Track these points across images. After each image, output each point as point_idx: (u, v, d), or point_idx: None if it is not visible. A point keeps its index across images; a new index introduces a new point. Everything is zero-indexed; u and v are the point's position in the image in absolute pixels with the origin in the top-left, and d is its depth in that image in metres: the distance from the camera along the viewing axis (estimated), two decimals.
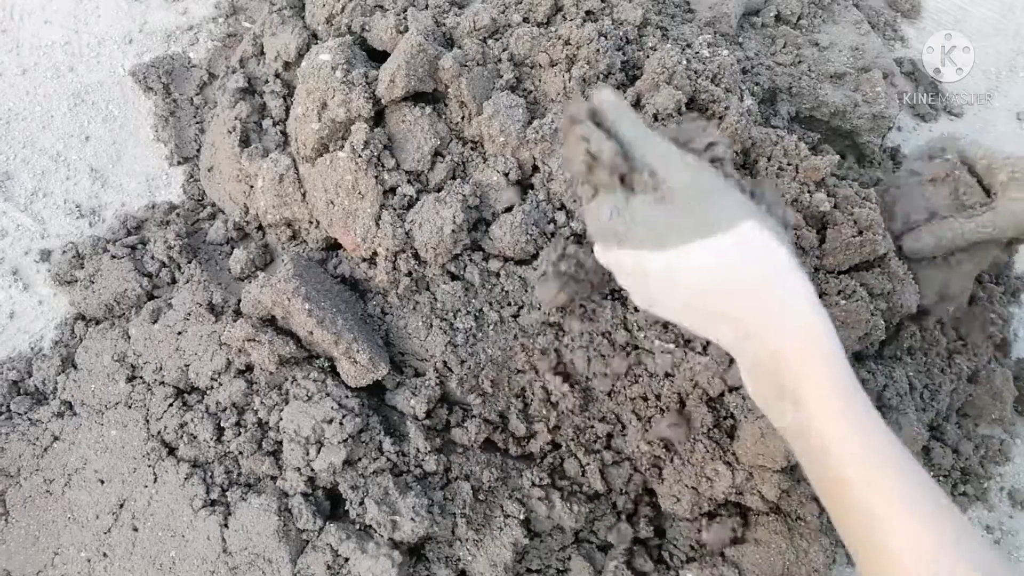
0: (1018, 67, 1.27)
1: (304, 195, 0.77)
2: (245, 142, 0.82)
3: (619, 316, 0.72)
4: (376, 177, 0.71)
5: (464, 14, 0.77)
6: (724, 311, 0.53)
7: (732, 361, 0.69)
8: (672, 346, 0.70)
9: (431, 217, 0.69)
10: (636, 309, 0.71)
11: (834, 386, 0.49)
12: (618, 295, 0.72)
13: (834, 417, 0.49)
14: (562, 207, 0.72)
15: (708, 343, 0.70)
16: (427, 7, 0.80)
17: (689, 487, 0.73)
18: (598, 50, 0.72)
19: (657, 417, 0.73)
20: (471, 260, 0.73)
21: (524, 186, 0.73)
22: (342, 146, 0.73)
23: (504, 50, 0.76)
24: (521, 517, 0.72)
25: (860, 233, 0.74)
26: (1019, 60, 1.27)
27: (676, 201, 0.52)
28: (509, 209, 0.72)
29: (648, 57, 0.75)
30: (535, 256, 0.73)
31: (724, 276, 0.52)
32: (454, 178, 0.73)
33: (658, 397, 0.73)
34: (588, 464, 0.76)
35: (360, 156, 0.71)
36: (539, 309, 0.72)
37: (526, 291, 0.73)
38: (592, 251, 0.61)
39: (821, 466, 0.50)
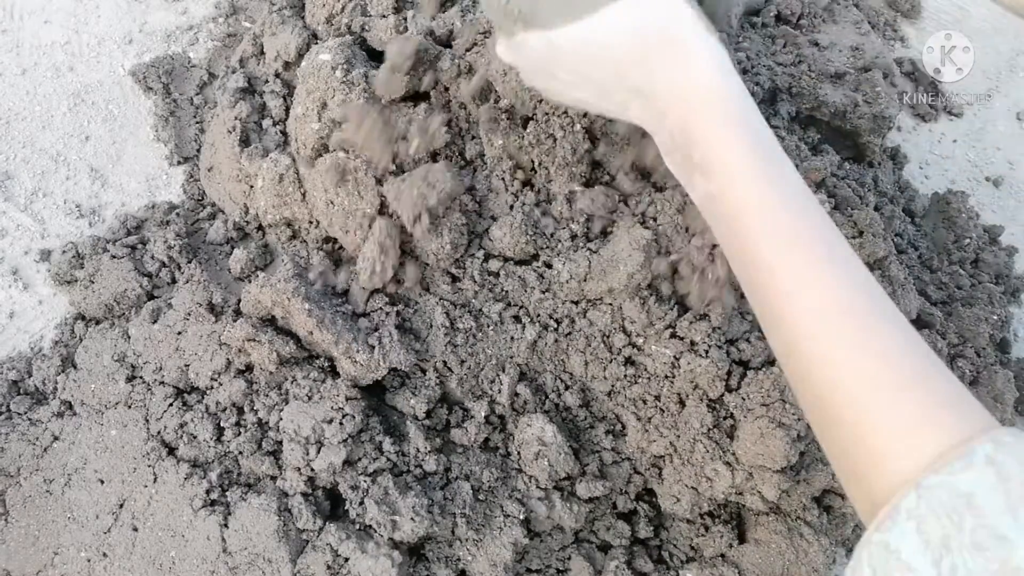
0: (1018, 67, 1.27)
1: (304, 195, 0.77)
2: (245, 142, 0.82)
3: (617, 321, 0.72)
4: (376, 178, 0.71)
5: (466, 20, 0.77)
6: (636, 85, 0.50)
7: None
8: (669, 352, 0.70)
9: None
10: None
11: (742, 152, 0.46)
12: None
13: (743, 186, 0.46)
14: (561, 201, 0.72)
15: (708, 347, 0.70)
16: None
17: (689, 487, 0.73)
18: None
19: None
20: (471, 258, 0.73)
21: (524, 184, 0.73)
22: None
23: None
24: (521, 517, 0.72)
25: (860, 234, 0.74)
26: (1019, 60, 1.27)
27: None
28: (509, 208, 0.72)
29: None
30: (536, 256, 0.73)
31: (632, 43, 0.49)
32: None
33: (657, 398, 0.73)
34: (588, 463, 0.76)
35: (360, 156, 0.71)
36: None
37: (525, 291, 0.73)
38: None
39: (731, 232, 0.47)
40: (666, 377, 0.72)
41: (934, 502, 0.37)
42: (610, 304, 0.72)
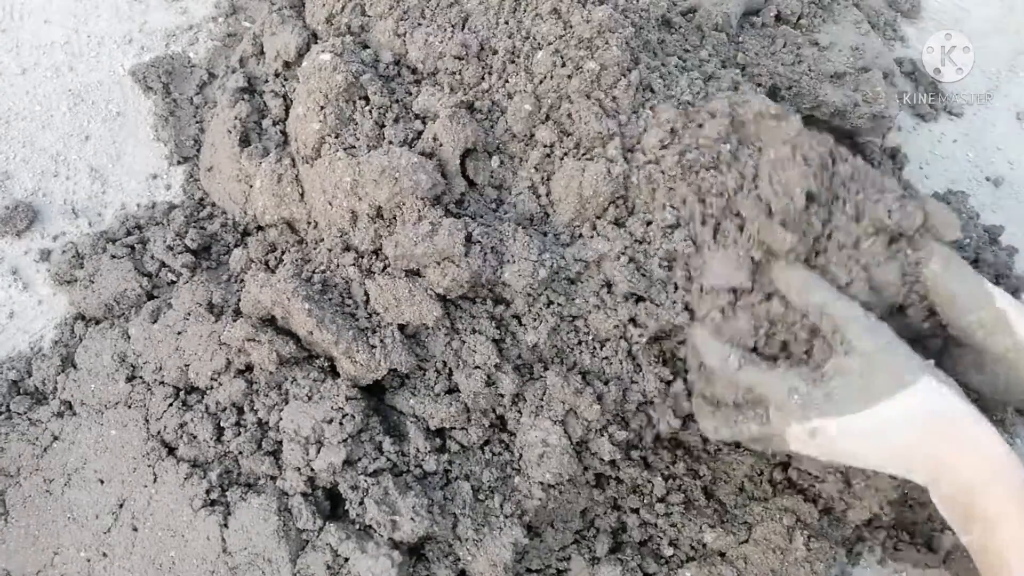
0: (1018, 67, 1.27)
1: (302, 195, 0.77)
2: (245, 142, 0.82)
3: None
4: None
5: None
6: (921, 455, 0.61)
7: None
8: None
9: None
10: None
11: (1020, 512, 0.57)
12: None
13: (1013, 542, 0.57)
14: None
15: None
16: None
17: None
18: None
19: None
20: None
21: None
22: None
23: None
24: (521, 517, 0.72)
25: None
26: (1019, 60, 1.27)
27: (869, 362, 0.61)
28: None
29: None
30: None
31: (919, 426, 0.60)
32: None
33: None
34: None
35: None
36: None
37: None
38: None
39: None
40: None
41: None
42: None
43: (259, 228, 0.84)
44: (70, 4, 0.99)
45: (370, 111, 0.75)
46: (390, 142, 0.74)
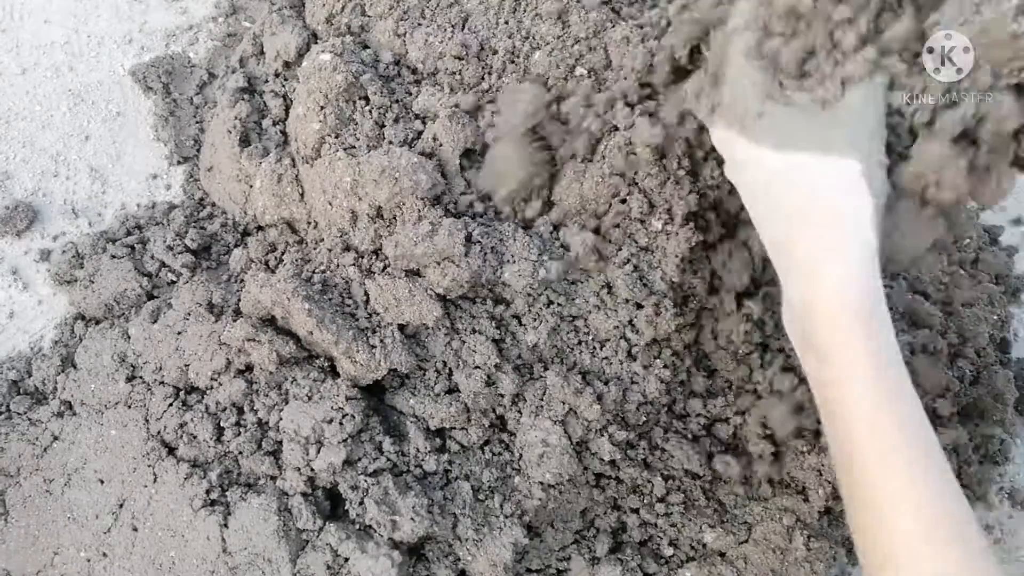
0: None
1: (302, 195, 0.77)
2: (245, 142, 0.82)
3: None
4: None
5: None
6: (785, 233, 0.52)
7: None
8: None
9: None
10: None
11: (867, 358, 0.48)
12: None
13: (859, 386, 0.48)
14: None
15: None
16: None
17: None
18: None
19: None
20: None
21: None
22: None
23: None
24: (521, 517, 0.72)
25: None
26: None
27: (835, 114, 0.51)
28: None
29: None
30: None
31: (806, 199, 0.51)
32: None
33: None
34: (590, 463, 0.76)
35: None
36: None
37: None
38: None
39: (838, 421, 0.49)
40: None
41: None
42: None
43: (259, 228, 0.84)
44: (70, 4, 0.99)
45: (370, 111, 0.75)
46: (390, 142, 0.74)
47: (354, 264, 0.73)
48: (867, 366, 0.48)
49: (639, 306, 0.73)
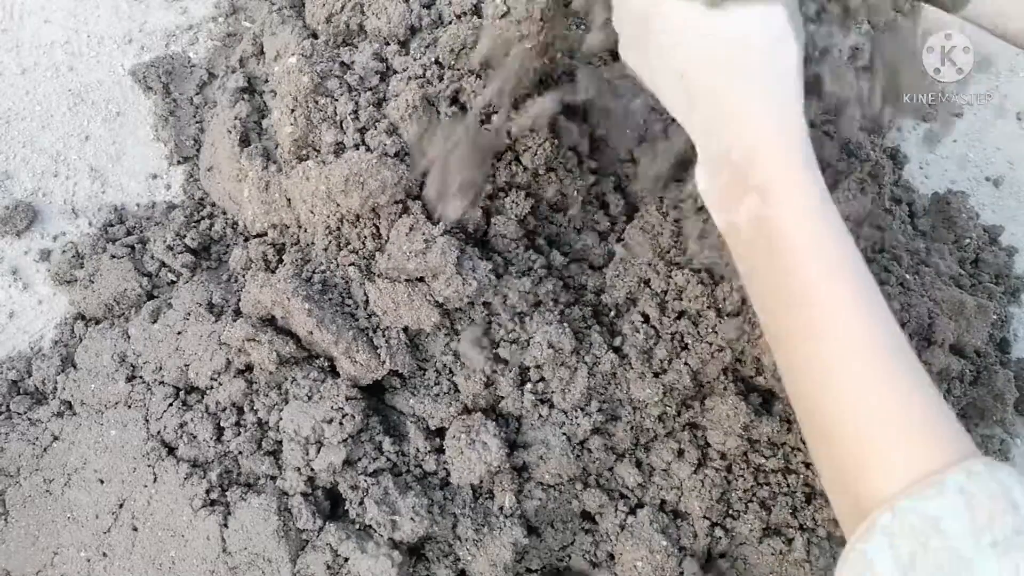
0: (1018, 67, 1.27)
1: (290, 201, 0.76)
2: (245, 142, 0.82)
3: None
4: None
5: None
6: (715, 87, 0.51)
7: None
8: None
9: None
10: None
11: (809, 189, 0.49)
12: None
13: (803, 213, 0.49)
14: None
15: None
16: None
17: None
18: None
19: None
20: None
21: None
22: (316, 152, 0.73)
23: None
24: (521, 517, 0.72)
25: (858, 237, 0.74)
26: (1019, 60, 1.27)
27: None
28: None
29: None
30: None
31: (738, 49, 0.50)
32: None
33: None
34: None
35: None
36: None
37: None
38: None
39: (774, 253, 0.50)
40: None
41: (906, 522, 0.41)
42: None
43: None
44: (70, 4, 0.99)
45: (336, 113, 0.74)
46: (356, 145, 0.72)
47: (354, 264, 0.73)
48: (812, 196, 0.49)
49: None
